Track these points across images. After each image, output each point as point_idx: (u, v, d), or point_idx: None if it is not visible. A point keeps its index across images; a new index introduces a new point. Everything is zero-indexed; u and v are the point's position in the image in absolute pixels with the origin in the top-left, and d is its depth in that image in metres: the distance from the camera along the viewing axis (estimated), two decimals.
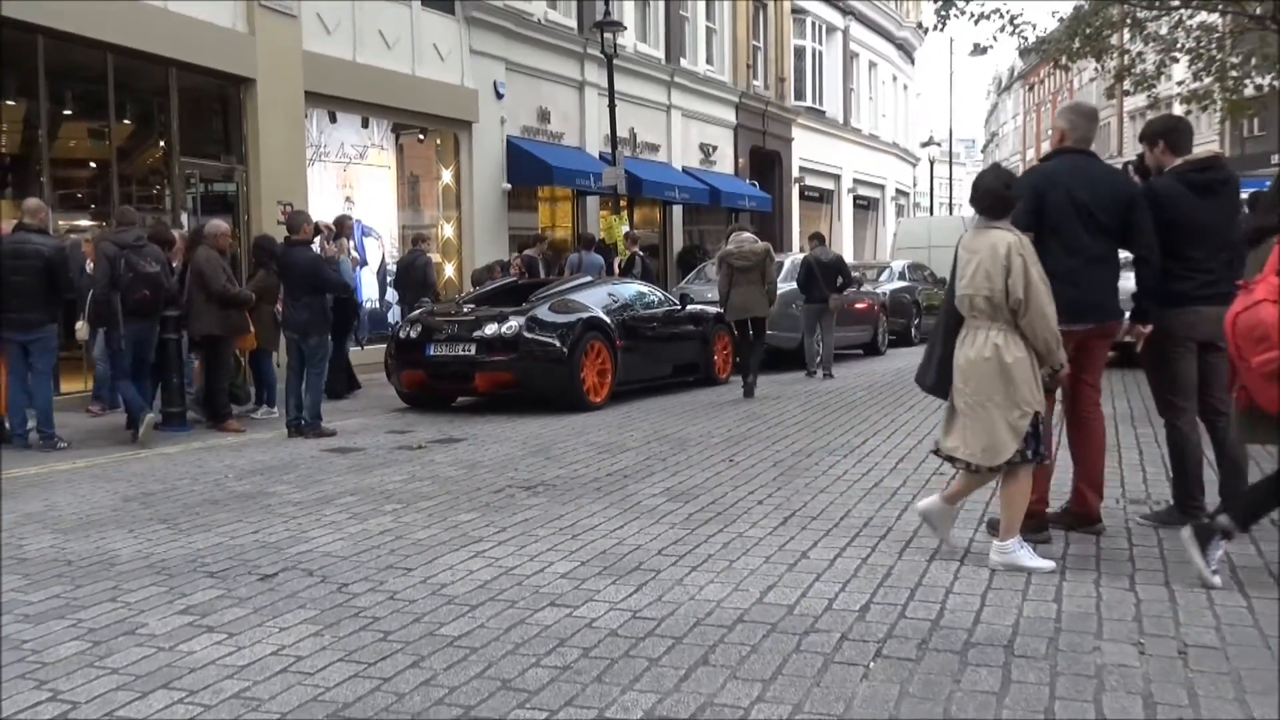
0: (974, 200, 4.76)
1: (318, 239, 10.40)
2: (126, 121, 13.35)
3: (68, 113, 12.65)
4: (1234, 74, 16.69)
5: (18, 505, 6.46)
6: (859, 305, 16.91)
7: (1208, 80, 17.02)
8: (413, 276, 14.16)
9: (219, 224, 10.30)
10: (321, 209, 14.12)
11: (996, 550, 4.67)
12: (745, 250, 11.78)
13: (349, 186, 16.36)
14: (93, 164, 13.14)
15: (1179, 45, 16.64)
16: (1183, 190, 5.23)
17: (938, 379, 4.91)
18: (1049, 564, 4.60)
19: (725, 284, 11.79)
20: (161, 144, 13.50)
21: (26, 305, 8.57)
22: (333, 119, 15.96)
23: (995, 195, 4.68)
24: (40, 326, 8.67)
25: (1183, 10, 16.18)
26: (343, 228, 13.46)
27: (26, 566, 5.03)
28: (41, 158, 11.78)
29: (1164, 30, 16.82)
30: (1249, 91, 17.37)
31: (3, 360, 8.72)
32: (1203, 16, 16.77)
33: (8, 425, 8.87)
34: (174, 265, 9.98)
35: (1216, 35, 16.99)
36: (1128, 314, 5.35)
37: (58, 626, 4.13)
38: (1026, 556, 4.61)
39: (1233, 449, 5.38)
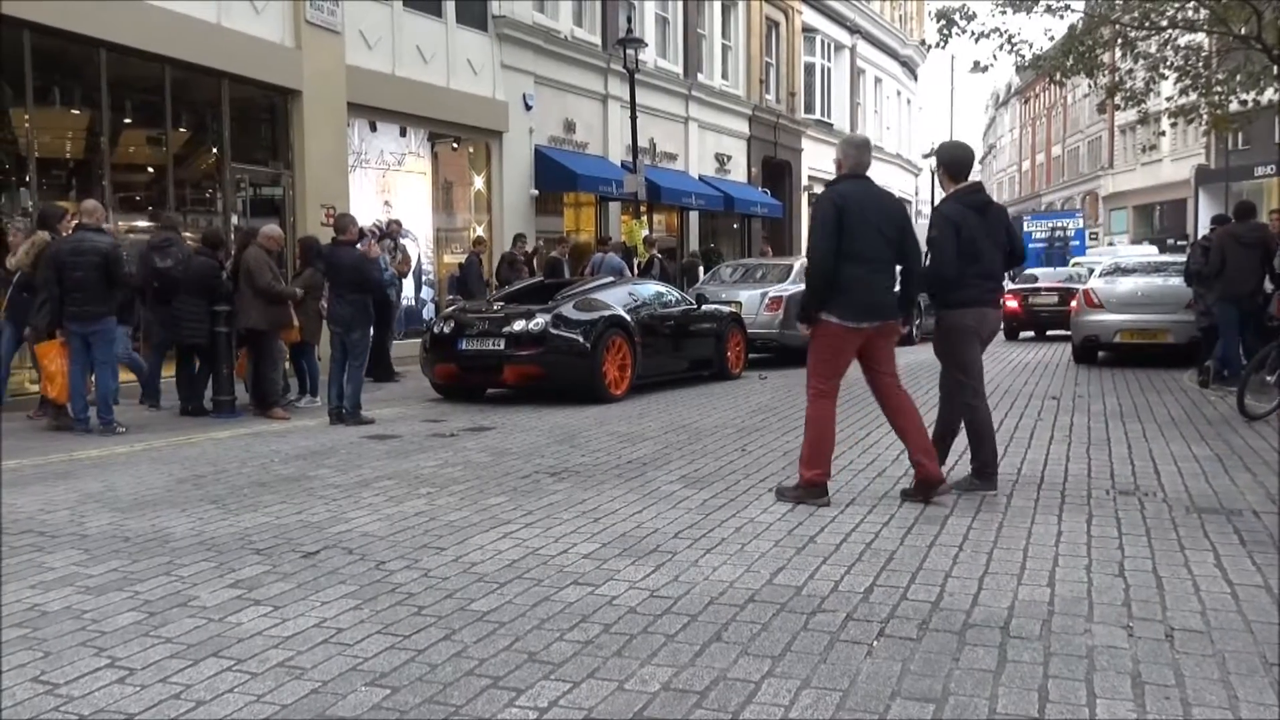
0: None
1: (361, 240, 10.42)
2: (182, 129, 13.41)
3: (128, 121, 12.72)
4: (1219, 90, 16.54)
5: (79, 485, 6.50)
6: None
7: (1194, 96, 16.87)
8: (466, 274, 14.70)
9: (273, 228, 10.35)
10: (362, 212, 14.18)
11: None
12: None
13: (388, 191, 16.42)
14: (150, 169, 13.21)
15: (1167, 63, 16.50)
16: (967, 211, 5.86)
17: None
18: None
19: None
20: (214, 151, 13.57)
21: (87, 299, 8.60)
22: (373, 128, 16.02)
23: None
24: (100, 319, 8.70)
25: (1171, 30, 16.03)
26: (393, 232, 13.73)
27: (87, 542, 5.05)
28: (103, 163, 11.85)
29: (1153, 49, 16.67)
30: (1234, 107, 17.20)
31: (65, 351, 8.77)
32: (1190, 36, 16.61)
33: (70, 411, 8.93)
34: (225, 265, 10.05)
35: (1204, 54, 16.84)
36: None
37: (116, 598, 4.15)
38: None
39: (983, 420, 6.04)
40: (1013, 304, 21.71)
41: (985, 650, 3.44)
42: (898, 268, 5.77)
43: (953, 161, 6.04)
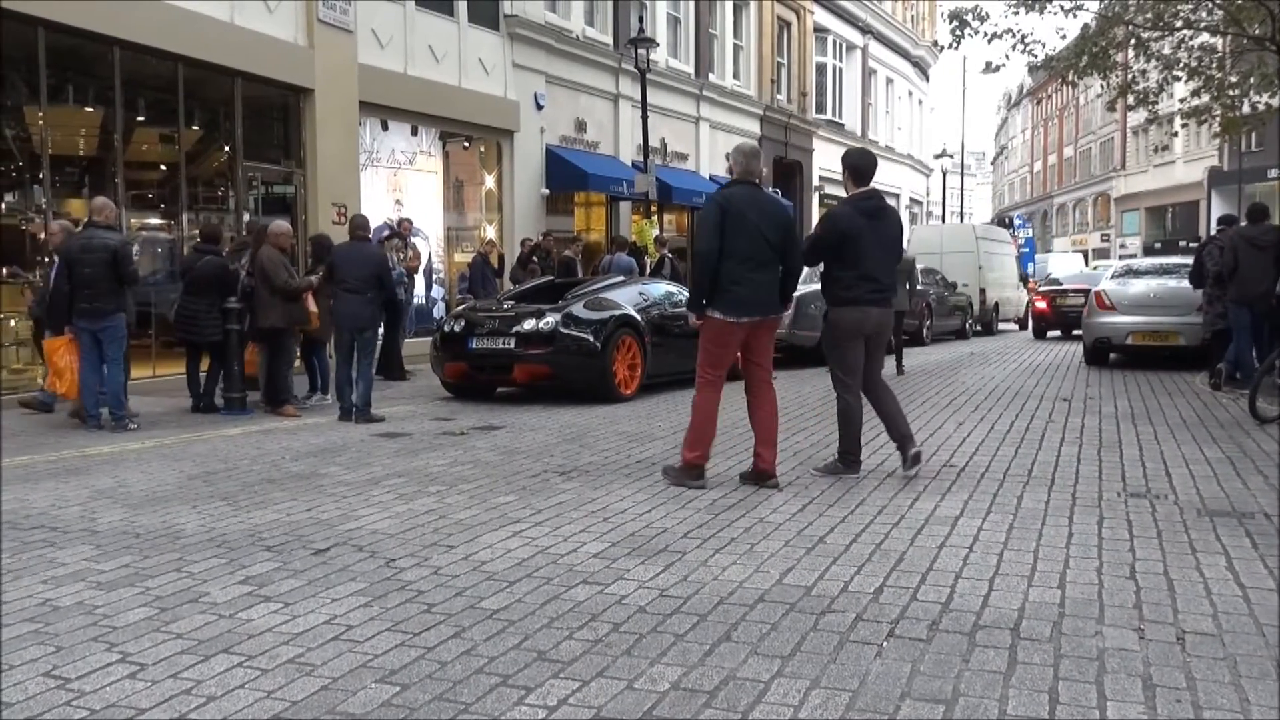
0: None
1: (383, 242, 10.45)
2: (195, 128, 13.45)
3: (140, 119, 12.76)
4: (1232, 92, 16.44)
5: (91, 481, 6.52)
6: None
7: (1206, 98, 16.77)
8: (471, 275, 14.93)
9: (281, 224, 10.34)
10: (373, 211, 14.22)
11: None
12: None
13: (399, 190, 16.46)
14: (163, 167, 13.26)
15: (1180, 64, 16.41)
16: (856, 215, 6.30)
17: None
18: None
19: None
20: (226, 149, 13.61)
21: (97, 295, 8.63)
22: (384, 127, 16.05)
23: None
24: (110, 315, 8.72)
25: (1185, 31, 15.94)
26: (404, 231, 13.81)
27: (99, 538, 5.07)
28: (116, 161, 11.90)
29: (1166, 50, 16.57)
30: (1246, 109, 17.09)
31: (74, 348, 8.80)
32: (1204, 37, 16.51)
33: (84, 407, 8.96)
34: (244, 265, 10.06)
35: (1217, 55, 16.74)
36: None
37: (127, 594, 4.16)
38: None
39: (890, 409, 6.49)
40: (1041, 305, 21.91)
41: (995, 652, 3.43)
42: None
43: (856, 167, 6.49)
